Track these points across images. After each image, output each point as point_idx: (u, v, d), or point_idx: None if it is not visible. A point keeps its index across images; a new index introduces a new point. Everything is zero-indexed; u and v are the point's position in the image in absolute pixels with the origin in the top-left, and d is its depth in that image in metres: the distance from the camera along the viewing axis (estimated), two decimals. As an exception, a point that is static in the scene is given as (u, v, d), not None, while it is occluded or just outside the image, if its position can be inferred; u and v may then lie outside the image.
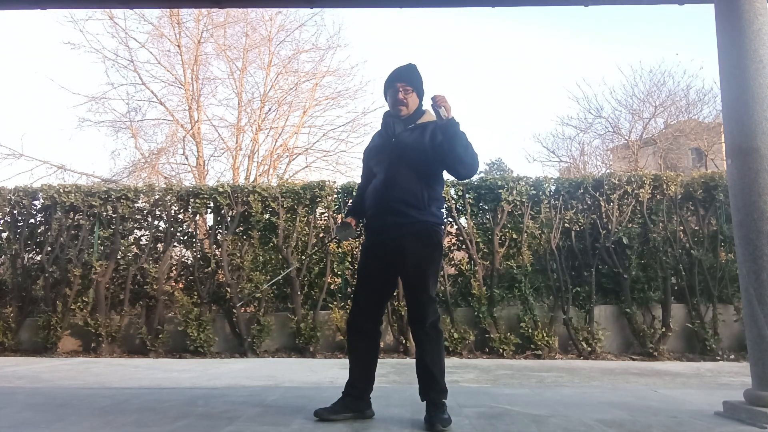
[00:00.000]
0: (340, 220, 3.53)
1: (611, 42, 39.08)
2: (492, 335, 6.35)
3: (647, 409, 3.18)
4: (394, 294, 6.15)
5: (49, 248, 6.84)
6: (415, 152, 2.77)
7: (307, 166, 14.94)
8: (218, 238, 6.90)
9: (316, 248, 6.77)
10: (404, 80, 2.87)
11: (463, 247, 6.82)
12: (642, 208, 6.68)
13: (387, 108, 2.97)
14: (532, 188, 6.83)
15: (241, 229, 6.97)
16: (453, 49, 42.63)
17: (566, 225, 6.71)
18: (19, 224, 7.02)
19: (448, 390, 2.74)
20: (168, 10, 13.35)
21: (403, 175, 2.76)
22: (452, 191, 6.85)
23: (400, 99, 2.85)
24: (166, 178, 14.01)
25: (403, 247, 2.73)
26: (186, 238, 7.18)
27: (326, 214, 6.99)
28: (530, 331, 6.29)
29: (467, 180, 6.87)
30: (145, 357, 6.36)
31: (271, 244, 6.84)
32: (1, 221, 7.09)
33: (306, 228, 6.86)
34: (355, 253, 6.61)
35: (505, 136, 40.21)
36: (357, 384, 2.84)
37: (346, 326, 2.95)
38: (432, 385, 2.69)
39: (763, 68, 2.98)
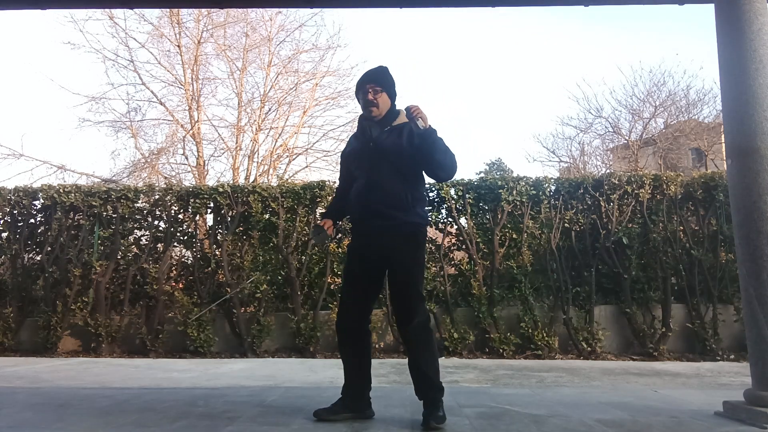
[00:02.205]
0: (314, 224, 3.53)
1: (611, 42, 39.08)
2: (492, 335, 6.34)
3: (647, 409, 3.18)
4: (381, 295, 6.13)
5: (49, 248, 6.84)
6: (394, 155, 2.80)
7: (307, 166, 14.95)
8: (218, 238, 6.89)
9: (314, 242, 6.74)
10: (373, 81, 2.90)
11: (463, 247, 6.82)
12: (642, 208, 6.68)
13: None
14: (532, 188, 6.82)
15: (241, 229, 6.97)
16: (453, 48, 42.64)
17: (566, 225, 6.71)
18: (19, 224, 7.02)
19: (449, 390, 2.75)
20: (168, 10, 13.35)
21: (385, 179, 2.79)
22: (452, 191, 6.85)
23: (370, 100, 2.87)
24: (166, 178, 14.01)
25: (389, 248, 2.76)
26: (186, 238, 7.17)
27: (323, 219, 6.96)
28: (530, 331, 6.29)
29: (467, 180, 6.91)
30: (145, 357, 6.35)
31: (271, 244, 6.83)
32: (1, 221, 7.08)
33: (306, 228, 6.86)
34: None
35: (505, 136, 40.22)
36: (353, 385, 2.85)
37: (336, 329, 2.94)
38: (428, 385, 2.71)
39: (763, 68, 2.99)
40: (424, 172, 2.87)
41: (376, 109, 2.88)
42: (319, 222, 3.05)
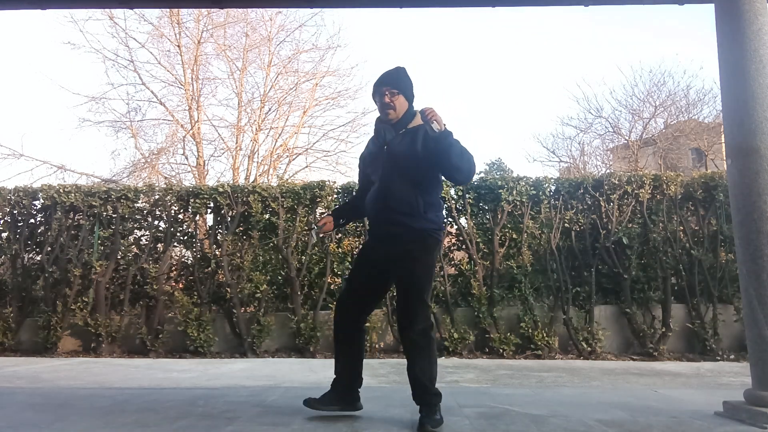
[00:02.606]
0: (315, 226, 3.52)
1: (611, 42, 39.05)
2: (492, 335, 6.34)
3: (647, 409, 3.18)
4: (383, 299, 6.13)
5: (49, 248, 6.83)
6: (407, 160, 2.76)
7: (307, 166, 14.96)
8: (218, 238, 6.89)
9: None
10: (389, 84, 2.86)
11: (463, 247, 6.82)
12: (642, 208, 6.68)
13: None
14: (532, 188, 6.82)
15: (241, 229, 6.97)
16: (453, 48, 42.62)
17: (566, 225, 6.71)
18: (19, 224, 7.01)
19: (449, 390, 2.76)
20: (168, 10, 13.36)
21: (397, 185, 2.76)
22: (452, 191, 6.85)
23: (387, 102, 2.84)
24: (166, 178, 14.01)
25: (393, 252, 2.75)
26: (186, 238, 7.17)
27: (326, 215, 6.97)
28: (530, 331, 6.29)
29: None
30: (145, 357, 6.35)
31: (271, 244, 6.84)
32: (1, 221, 7.08)
33: (306, 228, 6.86)
34: (355, 253, 6.60)
35: (505, 136, 40.21)
36: (343, 380, 2.89)
37: (333, 324, 2.95)
38: (424, 391, 2.70)
39: (763, 68, 2.99)
40: (441, 175, 2.83)
41: (393, 112, 2.85)
42: (320, 218, 3.09)
